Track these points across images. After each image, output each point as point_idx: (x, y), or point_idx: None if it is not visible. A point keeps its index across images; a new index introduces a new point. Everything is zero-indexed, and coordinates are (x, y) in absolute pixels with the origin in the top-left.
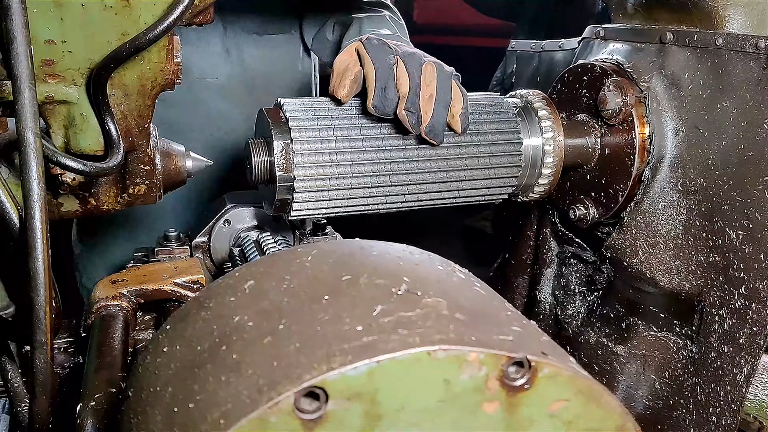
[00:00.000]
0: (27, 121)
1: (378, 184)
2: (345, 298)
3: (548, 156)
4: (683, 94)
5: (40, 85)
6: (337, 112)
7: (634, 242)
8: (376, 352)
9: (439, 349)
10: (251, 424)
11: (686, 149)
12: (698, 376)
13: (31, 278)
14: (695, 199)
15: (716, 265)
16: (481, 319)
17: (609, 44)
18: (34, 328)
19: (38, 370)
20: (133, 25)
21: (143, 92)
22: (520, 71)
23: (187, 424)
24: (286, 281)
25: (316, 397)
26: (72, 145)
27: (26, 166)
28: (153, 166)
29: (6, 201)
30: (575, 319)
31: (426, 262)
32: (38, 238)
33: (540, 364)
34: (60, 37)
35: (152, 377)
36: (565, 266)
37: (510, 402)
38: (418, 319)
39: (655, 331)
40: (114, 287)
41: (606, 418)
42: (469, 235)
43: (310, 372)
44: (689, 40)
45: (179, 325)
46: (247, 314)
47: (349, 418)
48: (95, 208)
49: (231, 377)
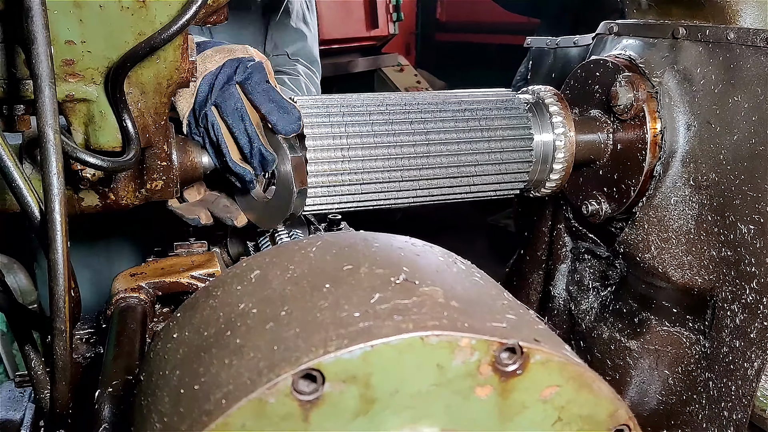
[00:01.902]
0: (47, 118)
1: (389, 179)
2: (345, 286)
3: (559, 151)
4: (695, 89)
5: (61, 84)
6: (348, 109)
7: (647, 237)
8: (370, 337)
9: (432, 335)
10: (251, 404)
11: (698, 144)
12: (711, 371)
13: (51, 268)
14: (707, 194)
15: (728, 259)
16: (477, 307)
17: (622, 40)
18: (53, 316)
19: (58, 357)
20: (149, 25)
21: (159, 90)
22: (535, 67)
23: (191, 404)
24: (290, 271)
25: (314, 380)
26: (92, 141)
27: (46, 161)
28: (170, 162)
29: (28, 195)
30: (588, 314)
31: (427, 253)
32: (58, 231)
33: (532, 350)
34: (79, 37)
35: (162, 362)
36: (579, 261)
37: (503, 387)
38: (413, 306)
39: (668, 326)
40: (133, 280)
41: (598, 404)
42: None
43: (307, 355)
44: (701, 35)
45: (188, 313)
46: (251, 302)
47: (345, 400)
48: (114, 203)
49: (234, 360)
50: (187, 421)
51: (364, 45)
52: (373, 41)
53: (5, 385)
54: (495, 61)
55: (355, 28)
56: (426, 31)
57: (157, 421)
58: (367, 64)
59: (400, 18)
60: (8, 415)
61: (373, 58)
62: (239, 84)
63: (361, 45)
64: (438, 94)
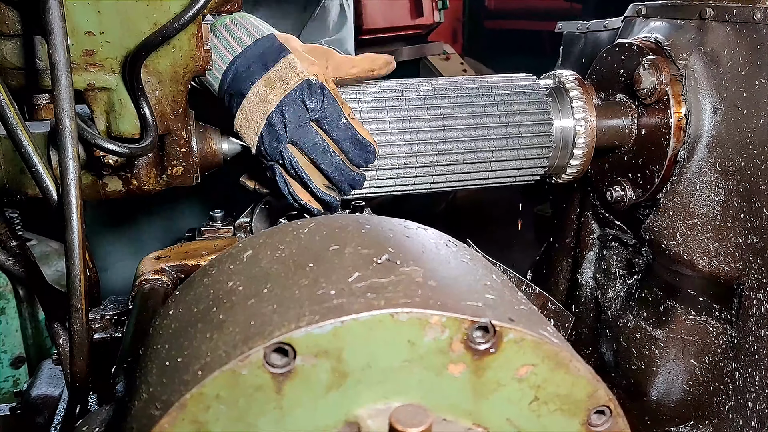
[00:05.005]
0: (63, 106)
1: (405, 166)
2: (327, 265)
3: (579, 137)
4: (722, 71)
5: (82, 73)
6: (365, 95)
7: (672, 224)
8: (341, 313)
9: (402, 312)
10: (224, 375)
11: (725, 128)
12: (737, 361)
13: (67, 248)
14: (733, 180)
15: (754, 246)
16: (454, 287)
17: (650, 22)
18: (70, 294)
19: (75, 333)
20: (164, 14)
21: (176, 78)
22: (566, 52)
23: (173, 375)
24: (280, 251)
25: (285, 353)
26: (113, 128)
27: (63, 146)
28: (189, 148)
29: (47, 179)
30: (615, 302)
31: (419, 235)
32: (73, 213)
33: (505, 329)
34: (98, 28)
35: (157, 336)
36: (606, 249)
37: (476, 365)
38: (389, 285)
39: (694, 315)
40: (157, 262)
41: (575, 384)
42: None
43: (279, 329)
44: (728, 16)
45: (185, 290)
46: (239, 280)
47: (316, 373)
48: (137, 188)
49: (214, 334)
50: (168, 391)
51: (409, 33)
52: (418, 29)
53: (47, 362)
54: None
55: (399, 16)
56: (474, 17)
57: (144, 392)
58: (412, 53)
59: (445, 6)
60: (48, 390)
61: (418, 47)
62: (314, 121)
63: (406, 33)
64: (456, 80)
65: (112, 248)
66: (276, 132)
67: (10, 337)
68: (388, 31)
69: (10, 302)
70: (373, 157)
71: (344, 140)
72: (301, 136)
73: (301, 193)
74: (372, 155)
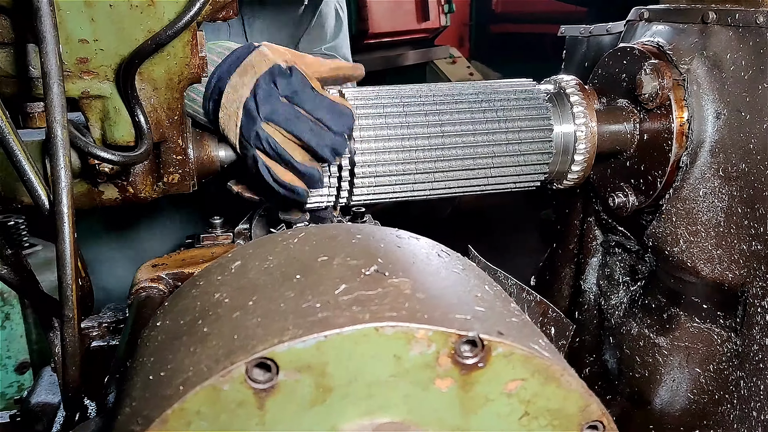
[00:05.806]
0: (55, 114)
1: (403, 172)
2: (314, 276)
3: (580, 142)
4: (725, 75)
5: (76, 81)
6: (362, 101)
7: (675, 230)
8: (325, 327)
9: (387, 326)
10: (205, 391)
11: (728, 133)
12: (742, 369)
13: (59, 257)
14: (737, 185)
15: (758, 254)
16: (443, 299)
17: (653, 26)
18: (62, 303)
19: (67, 343)
20: (158, 22)
21: (171, 86)
22: (569, 56)
23: (156, 389)
24: (268, 261)
25: (268, 369)
26: (108, 136)
27: (54, 155)
28: (185, 156)
29: (38, 188)
30: (618, 309)
31: (411, 245)
32: (65, 222)
33: (493, 343)
34: (92, 36)
35: (143, 348)
36: (609, 255)
37: (464, 380)
38: (375, 298)
39: (698, 322)
40: (154, 270)
41: (567, 399)
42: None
43: (262, 344)
44: (731, 19)
45: (174, 301)
46: (226, 291)
47: (300, 388)
48: (133, 196)
49: (198, 348)
50: (150, 406)
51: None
52: (424, 33)
53: (47, 369)
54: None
55: (405, 20)
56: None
57: (127, 405)
58: (419, 57)
59: (451, 9)
60: (47, 398)
61: (425, 51)
62: (285, 98)
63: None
64: (455, 86)
65: (112, 255)
66: (251, 115)
67: (15, 343)
68: (394, 35)
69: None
70: (350, 120)
71: (317, 109)
72: (273, 110)
73: (284, 174)
74: (349, 118)
